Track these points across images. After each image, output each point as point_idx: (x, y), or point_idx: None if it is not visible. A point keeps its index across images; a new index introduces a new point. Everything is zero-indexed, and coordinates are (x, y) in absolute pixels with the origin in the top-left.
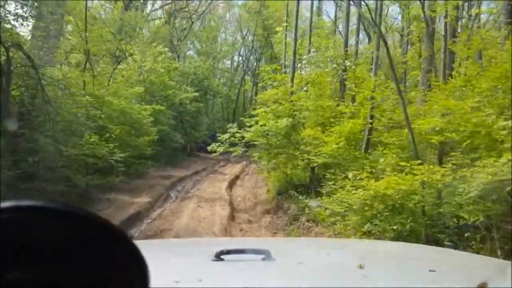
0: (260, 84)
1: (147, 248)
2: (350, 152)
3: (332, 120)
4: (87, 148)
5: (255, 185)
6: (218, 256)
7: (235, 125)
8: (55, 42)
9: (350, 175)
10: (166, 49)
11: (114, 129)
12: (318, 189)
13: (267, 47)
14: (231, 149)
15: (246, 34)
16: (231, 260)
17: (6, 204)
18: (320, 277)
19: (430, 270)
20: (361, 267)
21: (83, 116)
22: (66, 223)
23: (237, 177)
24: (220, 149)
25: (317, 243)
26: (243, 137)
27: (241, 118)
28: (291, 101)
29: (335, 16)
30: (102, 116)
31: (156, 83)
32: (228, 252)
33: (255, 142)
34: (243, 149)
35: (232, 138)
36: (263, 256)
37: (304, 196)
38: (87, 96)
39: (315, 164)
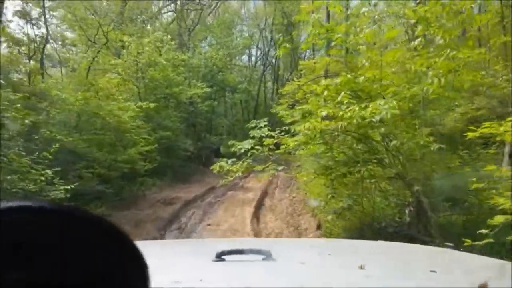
0: (303, 47)
1: (148, 249)
2: None
3: None
4: None
5: (293, 208)
6: (219, 257)
7: (263, 121)
8: None
9: None
10: (168, 36)
11: (64, 141)
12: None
13: (287, 37)
14: (258, 166)
15: (264, 25)
16: (232, 261)
17: (6, 204)
18: (321, 278)
19: (431, 271)
20: (362, 267)
21: None
22: (67, 224)
23: (265, 193)
24: (238, 170)
25: (318, 244)
26: (276, 146)
27: (273, 110)
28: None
29: None
30: (27, 121)
31: (158, 79)
32: (229, 252)
33: (299, 151)
34: (278, 167)
35: (257, 148)
36: (264, 256)
37: None
38: None
39: None
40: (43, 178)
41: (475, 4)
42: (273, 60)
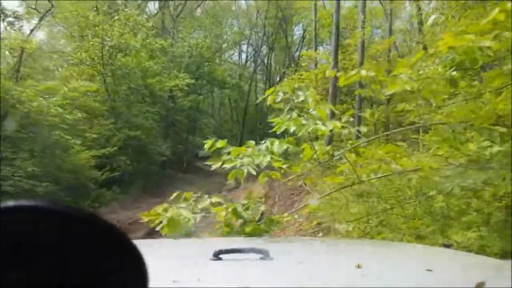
0: None
1: (146, 248)
2: None
3: None
4: None
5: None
6: (217, 256)
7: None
8: None
9: None
10: (144, 16)
11: None
12: None
13: (280, 33)
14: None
15: (256, 19)
16: (230, 260)
17: (6, 204)
18: (318, 277)
19: (427, 270)
20: (359, 266)
21: None
22: (67, 224)
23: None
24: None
25: (316, 243)
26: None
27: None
28: None
29: None
30: None
31: (129, 66)
32: (227, 251)
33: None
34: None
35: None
36: (261, 255)
37: None
38: None
39: None
40: None
41: None
42: (265, 59)
